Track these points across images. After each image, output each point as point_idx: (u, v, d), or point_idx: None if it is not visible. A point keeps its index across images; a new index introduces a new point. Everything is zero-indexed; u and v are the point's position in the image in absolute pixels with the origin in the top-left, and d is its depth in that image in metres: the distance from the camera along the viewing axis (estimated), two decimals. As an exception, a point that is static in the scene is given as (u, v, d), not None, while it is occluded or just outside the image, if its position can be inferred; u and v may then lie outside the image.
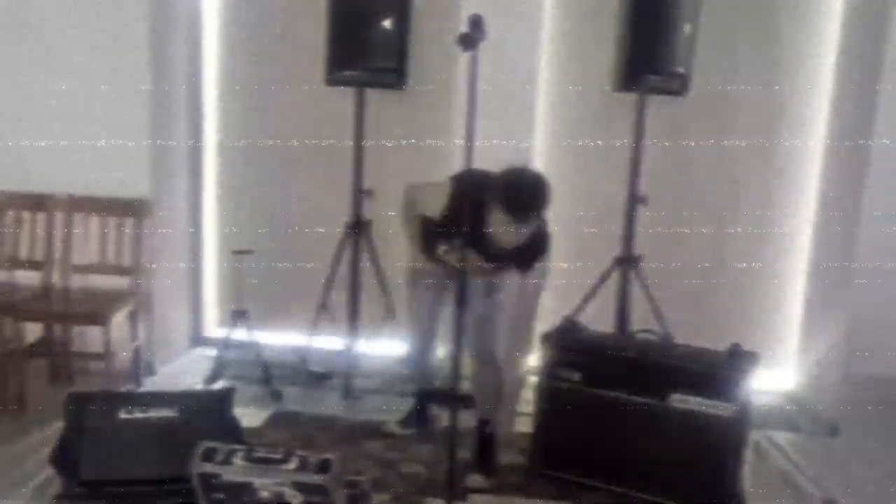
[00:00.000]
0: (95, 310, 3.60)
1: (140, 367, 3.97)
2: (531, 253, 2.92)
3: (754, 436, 3.41)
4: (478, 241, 2.76)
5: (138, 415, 2.90)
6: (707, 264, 4.34)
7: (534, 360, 3.37)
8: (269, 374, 3.98)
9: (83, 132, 3.92)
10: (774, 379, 4.19)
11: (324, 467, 2.48)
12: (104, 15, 3.87)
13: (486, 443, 3.27)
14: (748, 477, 3.13)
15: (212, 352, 4.26)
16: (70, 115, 3.92)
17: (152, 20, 3.92)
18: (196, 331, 4.67)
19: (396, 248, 3.32)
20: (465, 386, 3.33)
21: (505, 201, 2.70)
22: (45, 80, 3.92)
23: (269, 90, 4.42)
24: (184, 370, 4.24)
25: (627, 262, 3.98)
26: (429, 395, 3.58)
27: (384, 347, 4.24)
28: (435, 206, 2.95)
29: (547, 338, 3.23)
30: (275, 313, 4.41)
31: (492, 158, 2.73)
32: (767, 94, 4.21)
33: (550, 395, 3.19)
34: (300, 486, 2.46)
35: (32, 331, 3.80)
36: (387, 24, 3.83)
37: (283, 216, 4.50)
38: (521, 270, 2.98)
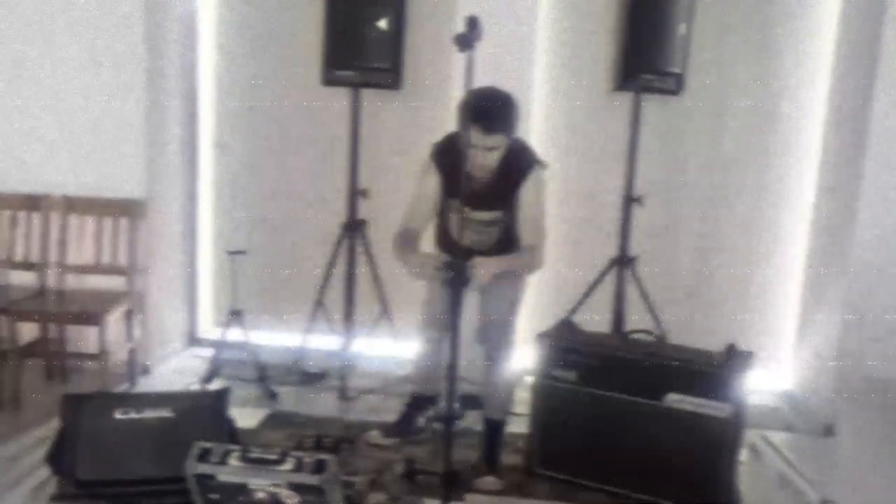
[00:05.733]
0: (90, 310, 3.60)
1: (135, 367, 3.96)
2: (511, 178, 3.05)
3: (750, 436, 3.41)
4: (457, 184, 2.87)
5: (134, 415, 2.89)
6: (702, 264, 4.35)
7: (529, 359, 3.37)
8: (265, 375, 3.98)
9: (78, 133, 3.93)
10: (770, 379, 4.20)
11: (319, 468, 2.48)
12: (99, 15, 3.86)
13: (495, 444, 3.27)
14: (744, 477, 3.13)
15: (207, 352, 4.26)
16: (65, 115, 3.92)
17: (147, 20, 3.91)
18: (191, 331, 4.66)
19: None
20: (469, 387, 3.36)
21: (472, 110, 2.78)
22: (40, 81, 3.92)
23: (265, 90, 4.42)
24: (179, 370, 4.23)
25: (623, 262, 3.99)
26: (420, 403, 3.48)
27: (380, 347, 4.25)
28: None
29: (543, 338, 3.23)
30: (270, 313, 4.42)
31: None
32: (762, 94, 4.21)
33: (547, 395, 3.18)
34: (296, 487, 2.46)
35: (28, 331, 3.79)
36: (382, 24, 3.84)
37: (278, 216, 4.49)
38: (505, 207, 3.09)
